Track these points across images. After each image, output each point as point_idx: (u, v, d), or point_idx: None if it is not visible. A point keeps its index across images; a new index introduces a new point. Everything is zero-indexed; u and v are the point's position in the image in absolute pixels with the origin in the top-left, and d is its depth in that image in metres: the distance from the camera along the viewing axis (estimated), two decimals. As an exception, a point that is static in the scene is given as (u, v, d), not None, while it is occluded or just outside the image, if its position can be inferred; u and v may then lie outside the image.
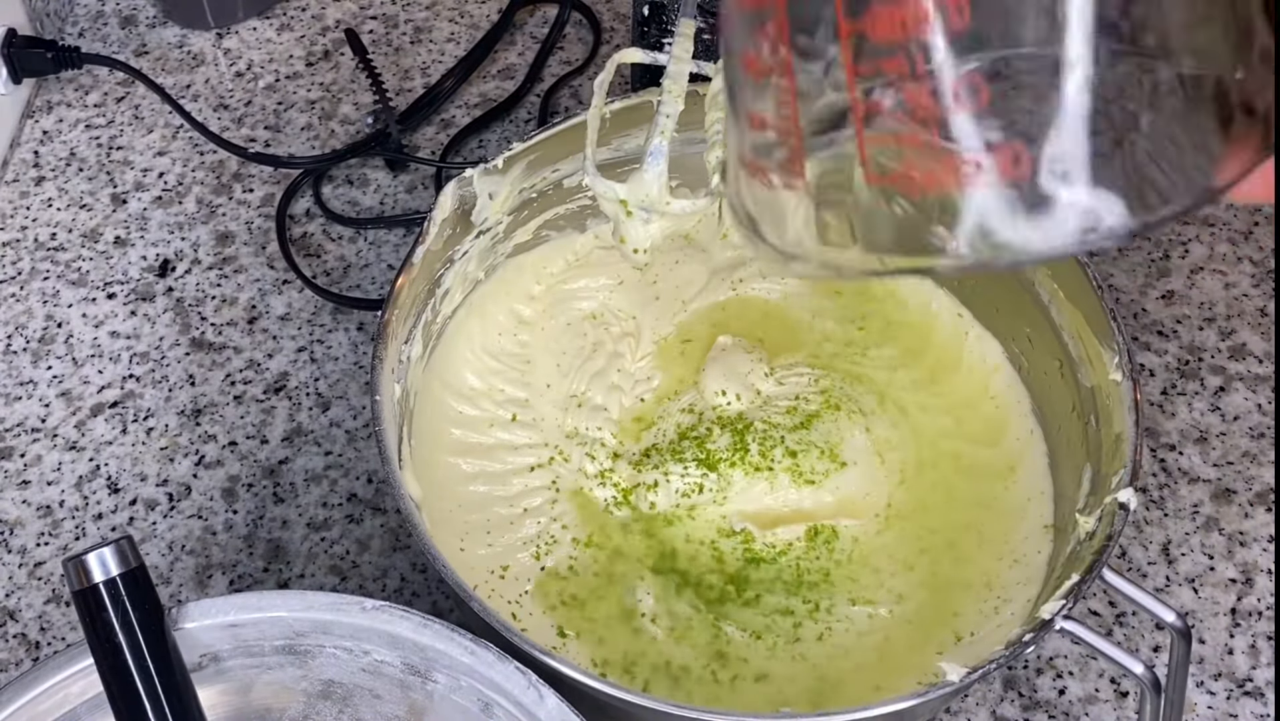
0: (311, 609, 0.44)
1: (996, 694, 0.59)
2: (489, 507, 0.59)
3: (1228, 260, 0.73)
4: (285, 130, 0.77)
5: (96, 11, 0.83)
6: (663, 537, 0.58)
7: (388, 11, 0.84)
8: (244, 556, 0.62)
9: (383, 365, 0.54)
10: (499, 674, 0.43)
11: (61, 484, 0.64)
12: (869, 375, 0.63)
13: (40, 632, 0.60)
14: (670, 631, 0.56)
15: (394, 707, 0.46)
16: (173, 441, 0.66)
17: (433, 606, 0.61)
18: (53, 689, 0.43)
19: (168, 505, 0.64)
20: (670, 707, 0.45)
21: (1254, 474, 0.65)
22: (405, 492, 0.50)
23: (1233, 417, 0.67)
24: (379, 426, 0.52)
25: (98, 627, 0.41)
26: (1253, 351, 0.69)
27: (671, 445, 0.60)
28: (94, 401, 0.67)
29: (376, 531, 0.63)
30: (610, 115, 0.60)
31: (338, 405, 0.67)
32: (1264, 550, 0.63)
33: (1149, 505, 0.64)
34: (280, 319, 0.70)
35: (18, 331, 0.69)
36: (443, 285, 0.60)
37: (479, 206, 0.60)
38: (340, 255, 0.72)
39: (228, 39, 0.82)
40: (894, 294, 0.66)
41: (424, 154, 0.76)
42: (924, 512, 0.59)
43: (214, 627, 0.44)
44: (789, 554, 0.58)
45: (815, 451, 0.59)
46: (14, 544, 0.62)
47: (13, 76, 0.74)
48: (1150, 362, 0.69)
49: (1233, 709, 0.58)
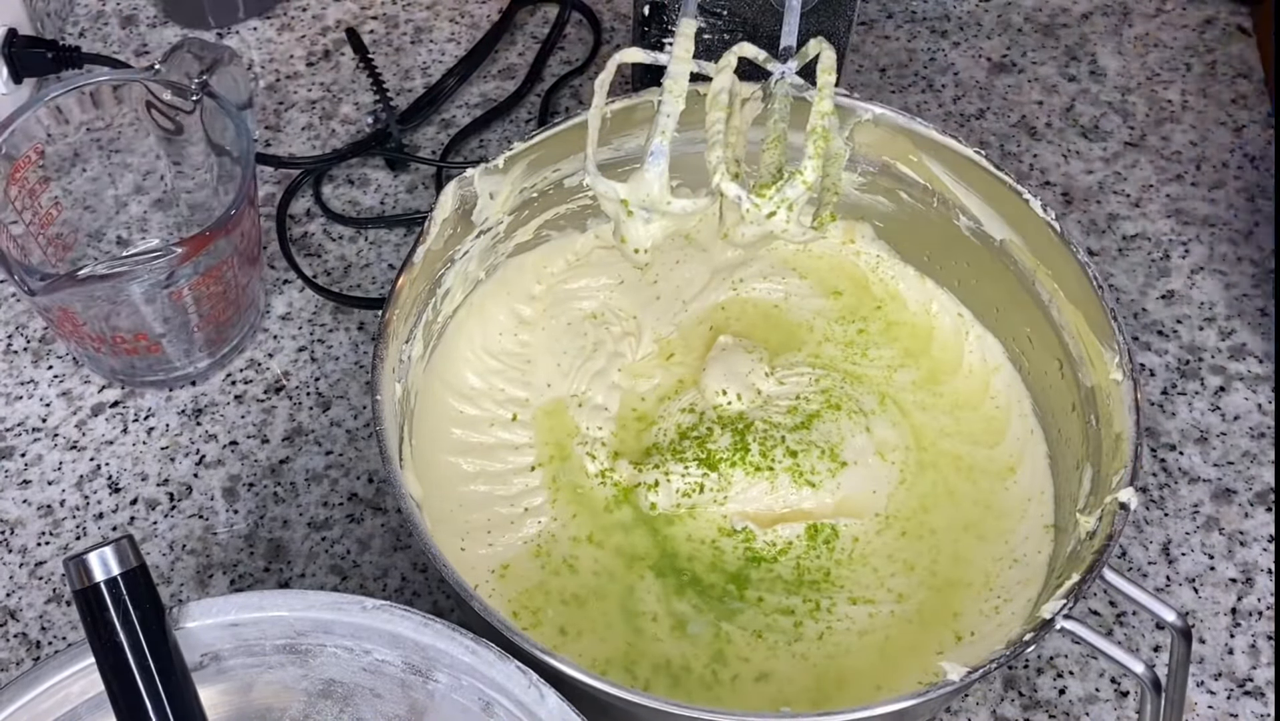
0: (312, 608, 0.44)
1: (997, 693, 0.59)
2: (489, 507, 0.59)
3: (1228, 260, 0.73)
4: (285, 130, 0.77)
5: (97, 11, 0.83)
6: (663, 536, 0.58)
7: (388, 11, 0.84)
8: (245, 556, 0.62)
9: (384, 365, 0.54)
10: (500, 673, 0.43)
11: (62, 483, 0.64)
12: (869, 375, 0.63)
13: (41, 632, 0.60)
14: (671, 630, 0.56)
15: (395, 707, 0.46)
16: (173, 441, 0.66)
17: (433, 606, 0.61)
18: (53, 688, 0.43)
19: (168, 504, 0.64)
20: (671, 707, 0.45)
21: (1254, 474, 0.65)
22: (406, 492, 0.50)
23: (1233, 417, 0.67)
24: (380, 426, 0.52)
25: (99, 627, 0.41)
26: (1253, 351, 0.69)
27: (672, 444, 0.60)
28: (95, 401, 0.67)
29: (377, 531, 0.63)
30: (610, 115, 0.60)
31: (338, 405, 0.67)
32: (1264, 550, 0.63)
33: (1149, 505, 0.64)
34: (280, 319, 0.70)
35: (18, 331, 0.69)
36: (443, 285, 0.60)
37: (480, 206, 0.60)
38: (340, 255, 0.72)
39: (228, 39, 0.82)
40: (895, 295, 0.66)
41: (424, 154, 0.76)
42: (924, 512, 0.59)
43: (215, 627, 0.44)
44: (789, 553, 0.58)
45: (816, 451, 0.59)
46: (15, 543, 0.62)
47: (13, 76, 0.74)
48: (1150, 362, 0.69)
49: (1233, 708, 0.58)
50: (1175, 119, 0.79)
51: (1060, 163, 0.77)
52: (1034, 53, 0.82)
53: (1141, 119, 0.79)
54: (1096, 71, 0.81)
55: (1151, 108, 0.79)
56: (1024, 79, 0.81)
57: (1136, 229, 0.74)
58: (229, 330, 0.66)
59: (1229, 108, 0.79)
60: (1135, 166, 0.77)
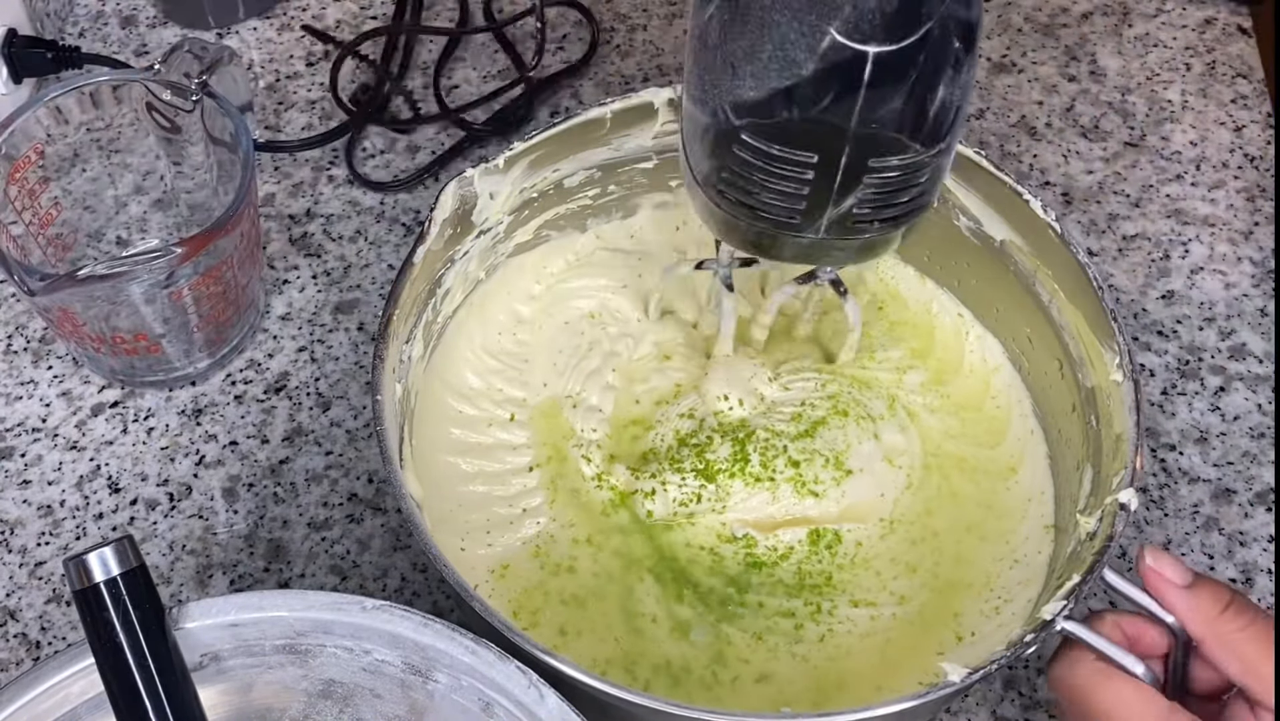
0: (312, 608, 0.44)
1: (997, 694, 0.59)
2: (489, 507, 0.59)
3: (1228, 260, 0.73)
4: (285, 130, 0.77)
5: (96, 11, 0.83)
6: (662, 542, 0.58)
7: (388, 11, 0.84)
8: (244, 556, 0.62)
9: (384, 365, 0.54)
10: (500, 673, 0.43)
11: (62, 483, 0.64)
12: (879, 378, 0.62)
13: (41, 632, 0.60)
14: (671, 632, 0.56)
15: (394, 707, 0.46)
16: (173, 441, 0.66)
17: (433, 606, 0.61)
18: (53, 688, 0.43)
19: (168, 505, 0.64)
20: (671, 707, 0.45)
21: (1254, 474, 0.65)
22: (407, 493, 0.50)
23: (1233, 418, 0.67)
24: (381, 426, 0.52)
25: (98, 627, 0.41)
26: (1253, 351, 0.69)
27: (670, 452, 0.59)
28: (94, 401, 0.67)
29: (377, 531, 0.63)
30: (610, 115, 0.60)
31: (338, 405, 0.67)
32: (1264, 550, 0.63)
33: (1149, 505, 0.64)
34: (280, 319, 0.70)
35: (18, 331, 0.69)
36: (443, 285, 0.60)
37: (480, 206, 0.60)
38: (340, 255, 0.72)
39: (228, 39, 0.82)
40: (895, 295, 0.66)
41: (424, 154, 0.76)
42: (928, 515, 0.59)
43: (214, 627, 0.44)
44: (791, 557, 0.57)
45: (820, 460, 0.58)
46: (14, 543, 0.62)
47: (13, 76, 0.74)
48: (1150, 363, 0.69)
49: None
50: (1175, 119, 0.79)
51: (1060, 163, 0.77)
52: (1034, 53, 0.82)
53: (1141, 119, 0.79)
54: (1096, 71, 0.81)
55: (1151, 108, 0.79)
56: (1024, 79, 0.81)
57: (1136, 229, 0.74)
58: (229, 330, 0.66)
59: (1229, 108, 0.79)
60: (1135, 166, 0.77)
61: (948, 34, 0.43)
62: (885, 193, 0.47)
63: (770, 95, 0.44)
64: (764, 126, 0.45)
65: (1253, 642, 0.45)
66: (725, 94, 0.46)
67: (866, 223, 0.48)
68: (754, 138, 0.46)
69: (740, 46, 0.45)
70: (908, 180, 0.47)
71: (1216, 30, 0.83)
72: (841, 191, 0.46)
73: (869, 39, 0.42)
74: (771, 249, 0.50)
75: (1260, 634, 0.45)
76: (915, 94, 0.44)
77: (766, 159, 0.46)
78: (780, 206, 0.48)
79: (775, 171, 0.46)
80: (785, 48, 0.43)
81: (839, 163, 0.45)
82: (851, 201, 0.47)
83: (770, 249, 0.50)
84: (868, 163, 0.45)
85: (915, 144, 0.45)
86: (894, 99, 0.44)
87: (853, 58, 0.43)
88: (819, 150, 0.45)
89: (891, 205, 0.48)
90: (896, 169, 0.46)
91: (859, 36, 0.42)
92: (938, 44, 0.43)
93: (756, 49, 0.44)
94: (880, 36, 0.42)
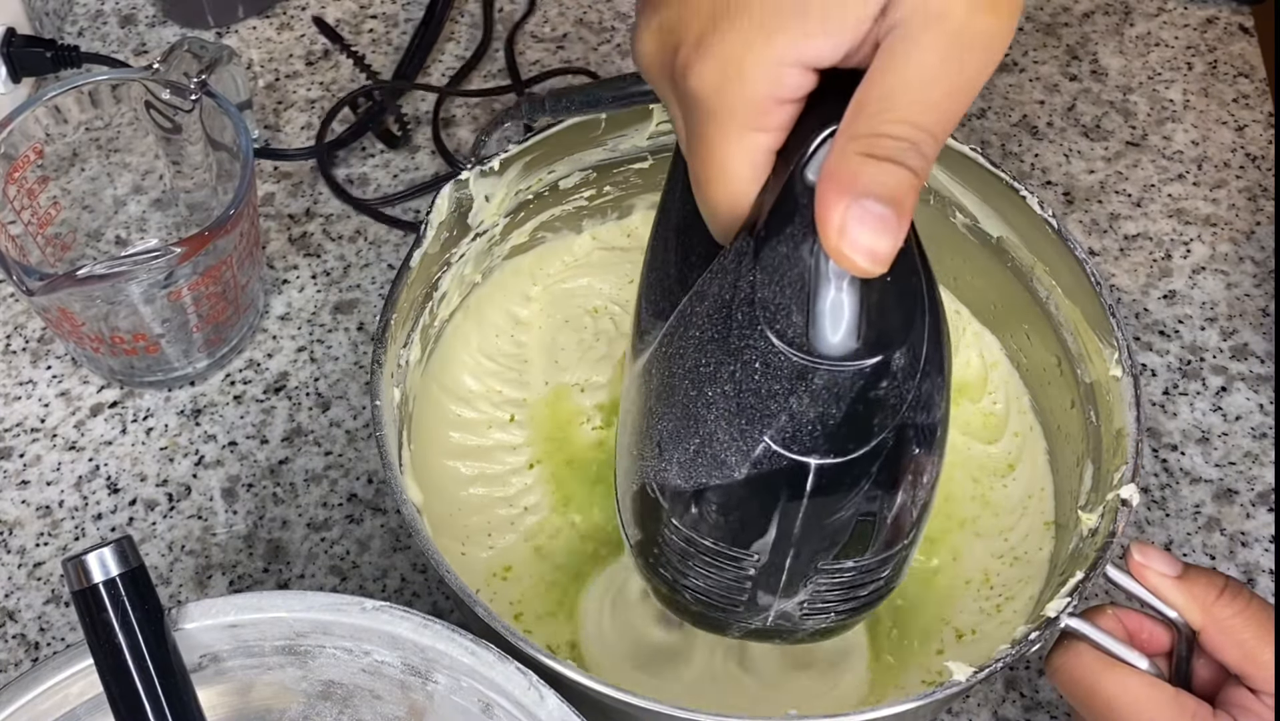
0: (311, 609, 0.44)
1: (998, 694, 0.58)
2: (489, 510, 0.59)
3: (1229, 260, 0.73)
4: (285, 130, 0.77)
5: (96, 11, 0.83)
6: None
7: (388, 11, 0.84)
8: (244, 556, 0.62)
9: (382, 370, 0.54)
10: (499, 674, 0.43)
11: (61, 484, 0.64)
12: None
13: (40, 633, 0.60)
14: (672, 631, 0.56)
15: (394, 708, 0.46)
16: (172, 441, 0.66)
17: (433, 606, 0.61)
18: (52, 689, 0.43)
19: (167, 505, 0.64)
20: (671, 709, 0.45)
21: (1255, 474, 0.65)
22: (408, 499, 0.50)
23: (1234, 418, 0.67)
24: (380, 432, 0.52)
25: (97, 628, 0.40)
26: (1254, 351, 0.69)
27: None
28: (93, 401, 0.67)
29: (376, 531, 0.63)
30: (605, 117, 0.60)
31: (338, 405, 0.67)
32: (1265, 550, 0.63)
33: (1151, 505, 0.64)
34: (280, 319, 0.70)
35: (17, 331, 0.69)
36: (440, 288, 0.60)
37: (475, 209, 0.59)
38: (340, 255, 0.72)
39: (227, 38, 0.82)
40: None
41: (422, 154, 0.76)
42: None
43: (214, 628, 0.44)
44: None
45: None
46: (13, 544, 0.62)
47: (12, 75, 0.74)
48: (1152, 362, 0.69)
49: (1235, 708, 0.58)
50: (1177, 118, 0.79)
51: (1061, 162, 0.77)
52: (1035, 52, 0.82)
53: (1143, 118, 0.79)
54: (1098, 71, 0.81)
55: (1153, 107, 0.79)
56: (1025, 78, 0.81)
57: (1138, 229, 0.74)
58: (228, 330, 0.66)
59: (1230, 107, 0.79)
60: (1137, 166, 0.76)
61: (905, 441, 0.38)
62: (841, 589, 0.42)
63: (700, 490, 0.39)
64: (694, 519, 0.40)
65: (1250, 628, 0.45)
66: (652, 472, 0.40)
67: (822, 614, 0.43)
68: (685, 527, 0.40)
69: (665, 429, 0.39)
70: (867, 577, 0.42)
71: (1218, 29, 0.83)
72: (788, 590, 0.41)
73: (810, 451, 0.36)
74: (715, 628, 0.45)
75: (1256, 619, 0.45)
76: (869, 502, 0.38)
77: (700, 549, 0.41)
78: (719, 596, 0.42)
79: (711, 563, 0.41)
80: (714, 446, 0.37)
81: (783, 564, 0.40)
82: (802, 597, 0.42)
83: (714, 628, 0.45)
84: (817, 565, 0.40)
85: (871, 549, 0.40)
86: (844, 509, 0.38)
87: (792, 468, 0.37)
88: (759, 551, 0.40)
89: (850, 600, 0.43)
90: (851, 570, 0.41)
91: (798, 448, 0.37)
92: (894, 453, 0.37)
93: (682, 437, 0.38)
94: (823, 448, 0.36)
